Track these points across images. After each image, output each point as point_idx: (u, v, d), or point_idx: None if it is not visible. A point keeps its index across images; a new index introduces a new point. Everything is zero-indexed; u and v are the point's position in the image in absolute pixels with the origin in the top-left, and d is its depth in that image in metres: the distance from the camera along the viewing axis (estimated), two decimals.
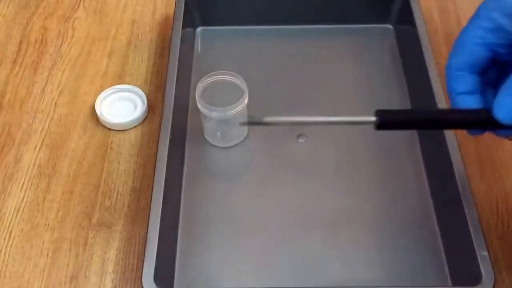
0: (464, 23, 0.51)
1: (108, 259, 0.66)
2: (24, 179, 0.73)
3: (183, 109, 0.78)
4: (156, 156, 0.67)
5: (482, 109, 0.50)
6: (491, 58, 0.50)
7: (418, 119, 0.51)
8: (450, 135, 0.67)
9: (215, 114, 0.71)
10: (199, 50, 0.87)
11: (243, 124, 0.53)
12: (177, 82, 0.74)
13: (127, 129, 0.78)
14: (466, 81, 0.50)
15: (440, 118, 0.51)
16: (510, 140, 0.75)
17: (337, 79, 0.83)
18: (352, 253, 0.66)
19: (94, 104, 0.79)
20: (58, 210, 0.70)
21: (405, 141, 0.76)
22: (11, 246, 0.67)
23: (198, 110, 0.73)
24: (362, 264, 0.66)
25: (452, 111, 0.51)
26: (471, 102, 0.51)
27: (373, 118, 0.49)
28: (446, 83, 0.51)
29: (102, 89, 0.81)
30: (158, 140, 0.68)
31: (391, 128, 0.51)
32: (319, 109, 0.79)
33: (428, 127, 0.53)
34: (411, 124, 0.52)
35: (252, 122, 0.53)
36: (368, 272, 0.65)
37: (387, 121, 0.50)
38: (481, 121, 0.49)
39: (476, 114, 0.49)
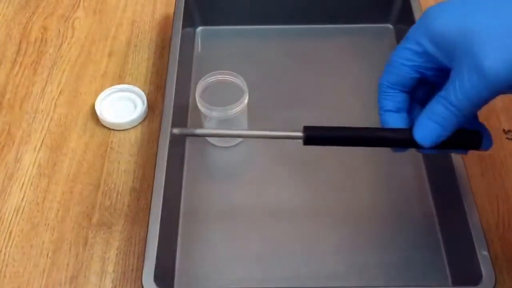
0: None
1: (108, 259, 0.66)
2: (24, 179, 0.73)
3: (183, 109, 0.78)
4: (156, 156, 0.66)
5: (405, 129, 0.52)
6: (419, 78, 0.52)
7: (342, 136, 0.53)
8: None
9: (215, 113, 0.71)
10: (199, 50, 0.87)
11: (175, 134, 0.55)
12: (177, 82, 0.73)
13: (127, 129, 0.77)
14: (394, 99, 0.53)
15: (364, 136, 0.53)
16: (510, 139, 0.75)
17: (337, 79, 0.83)
18: (352, 253, 0.66)
19: (94, 104, 0.79)
20: (58, 210, 0.70)
21: None
22: (11, 246, 0.67)
23: (198, 109, 0.73)
24: (363, 263, 0.66)
25: (377, 129, 0.53)
26: (396, 120, 0.54)
27: (300, 134, 0.53)
28: (377, 100, 0.54)
29: (102, 89, 0.81)
30: (158, 140, 0.68)
31: (318, 143, 0.53)
32: (319, 108, 0.79)
33: (353, 144, 0.54)
34: (336, 140, 0.54)
35: (184, 133, 0.56)
36: (368, 271, 0.65)
37: (313, 137, 0.53)
38: (403, 140, 0.52)
39: (400, 133, 0.52)
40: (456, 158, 0.66)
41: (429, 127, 0.48)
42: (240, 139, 0.76)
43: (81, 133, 0.77)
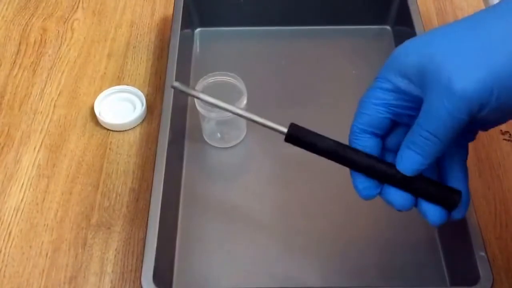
0: None
1: (107, 259, 0.67)
2: (24, 180, 0.73)
3: (182, 110, 0.78)
4: (155, 157, 0.67)
5: (389, 163, 0.50)
6: (392, 120, 0.50)
7: (322, 148, 0.51)
8: None
9: (214, 115, 0.71)
10: (198, 51, 0.87)
11: (174, 86, 0.54)
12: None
13: (126, 130, 0.78)
14: (365, 144, 0.50)
15: (342, 156, 0.51)
16: (507, 140, 0.75)
17: (335, 80, 0.83)
18: (351, 254, 0.67)
19: (93, 105, 0.79)
20: (57, 211, 0.70)
21: None
22: (10, 247, 0.68)
23: (197, 111, 0.73)
24: (361, 264, 0.66)
25: (365, 155, 0.50)
26: None
27: (284, 129, 0.51)
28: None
29: (101, 90, 0.81)
30: (157, 141, 0.68)
31: (297, 145, 0.52)
32: (317, 109, 0.79)
33: (332, 159, 0.52)
34: (315, 149, 0.52)
35: (180, 89, 0.55)
36: (367, 272, 0.65)
37: (294, 136, 0.51)
38: (381, 172, 0.49)
39: (381, 164, 0.49)
40: None
41: (409, 156, 0.47)
42: (239, 140, 0.76)
43: (80, 134, 0.78)
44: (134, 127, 0.78)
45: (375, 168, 0.50)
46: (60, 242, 0.68)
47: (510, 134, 0.76)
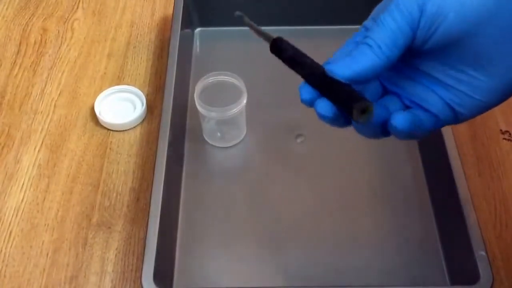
0: None
1: (107, 259, 0.67)
2: (24, 180, 0.73)
3: (182, 110, 0.78)
4: (156, 156, 0.67)
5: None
6: None
7: (301, 64, 0.51)
8: (448, 135, 0.68)
9: (214, 114, 0.72)
10: (198, 51, 0.87)
11: (237, 15, 0.56)
12: (176, 82, 0.74)
13: (126, 130, 0.78)
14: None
15: (317, 77, 0.49)
16: (507, 140, 0.76)
17: None
18: (351, 253, 0.67)
19: (93, 105, 0.79)
20: (58, 210, 0.70)
21: (404, 141, 0.76)
22: (11, 246, 0.68)
23: (197, 110, 0.73)
24: (361, 264, 0.66)
25: (331, 79, 0.47)
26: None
27: (271, 37, 0.53)
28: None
29: (101, 90, 0.81)
30: (157, 141, 0.68)
31: (278, 57, 0.52)
32: None
33: (306, 79, 0.51)
34: (293, 64, 0.52)
35: (244, 19, 0.57)
36: (367, 272, 0.65)
37: (276, 47, 0.53)
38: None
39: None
40: (454, 158, 0.66)
41: (345, 60, 0.45)
42: (239, 139, 0.76)
43: (80, 134, 0.78)
44: (134, 127, 0.78)
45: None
46: (60, 242, 0.68)
47: (510, 134, 0.76)
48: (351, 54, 0.45)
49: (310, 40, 0.88)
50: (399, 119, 0.44)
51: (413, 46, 0.44)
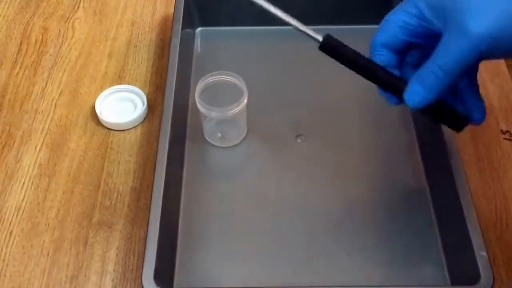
0: None
1: (108, 258, 0.67)
2: (25, 179, 0.73)
3: (183, 109, 0.78)
4: (156, 156, 0.67)
5: (402, 79, 0.56)
6: (410, 42, 0.55)
7: (352, 59, 0.57)
8: (449, 135, 0.68)
9: (214, 114, 0.72)
10: (199, 50, 0.87)
11: None
12: (176, 82, 0.74)
13: (127, 129, 0.78)
14: (385, 58, 0.56)
15: (368, 68, 0.57)
16: (507, 140, 0.76)
17: (336, 79, 0.83)
18: (351, 253, 0.67)
19: (94, 104, 0.79)
20: (59, 210, 0.70)
21: (404, 141, 0.76)
22: (11, 246, 0.68)
23: (197, 110, 0.73)
24: (361, 264, 0.66)
25: (382, 69, 0.56)
26: None
27: (320, 38, 0.57)
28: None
29: (102, 89, 0.81)
30: (158, 140, 0.68)
31: (330, 54, 0.58)
32: (317, 109, 0.80)
33: (359, 72, 0.58)
34: (346, 61, 0.58)
35: None
36: (367, 271, 0.65)
37: (328, 47, 0.57)
38: (395, 87, 0.56)
39: (396, 80, 0.56)
40: (455, 158, 0.66)
41: (416, 90, 0.52)
42: (239, 139, 0.76)
43: (81, 133, 0.78)
44: (135, 127, 0.78)
45: (388, 84, 0.56)
46: (61, 241, 0.68)
47: (510, 134, 0.76)
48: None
49: (310, 40, 0.89)
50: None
51: None
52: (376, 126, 0.78)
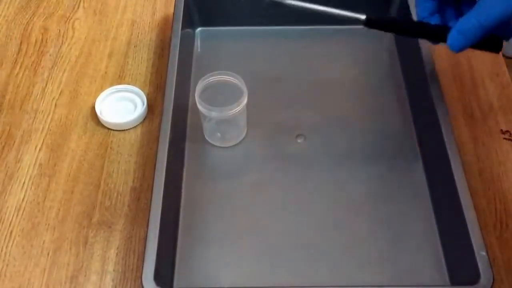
0: None
1: (108, 258, 0.67)
2: (25, 179, 0.73)
3: (183, 109, 0.78)
4: (156, 156, 0.67)
5: (443, 27, 0.63)
6: None
7: (397, 24, 0.67)
8: (449, 135, 0.68)
9: (214, 114, 0.72)
10: (199, 50, 0.87)
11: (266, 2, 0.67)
12: (176, 82, 0.74)
13: (127, 129, 0.78)
14: (426, 6, 0.65)
15: (412, 27, 0.67)
16: (507, 139, 0.76)
17: (336, 79, 0.83)
18: (351, 253, 0.67)
19: (94, 104, 0.79)
20: (59, 210, 0.70)
21: (404, 141, 0.76)
22: (11, 246, 0.68)
23: (197, 110, 0.73)
24: (361, 264, 0.66)
25: (423, 24, 0.65)
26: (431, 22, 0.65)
27: (363, 17, 0.65)
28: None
29: (102, 89, 0.81)
30: (158, 140, 0.68)
31: (376, 27, 0.66)
32: (318, 109, 0.80)
33: (404, 34, 0.68)
34: (392, 28, 0.68)
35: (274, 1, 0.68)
36: (367, 271, 0.65)
37: (373, 21, 0.65)
38: (438, 36, 0.64)
39: (439, 30, 0.64)
40: (455, 158, 0.66)
41: (458, 38, 0.59)
42: (239, 139, 0.76)
43: (81, 133, 0.78)
44: (135, 127, 0.78)
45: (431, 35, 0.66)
46: (61, 241, 0.68)
47: (510, 134, 0.76)
48: None
49: (310, 40, 0.89)
50: None
51: None
52: (377, 127, 0.78)
